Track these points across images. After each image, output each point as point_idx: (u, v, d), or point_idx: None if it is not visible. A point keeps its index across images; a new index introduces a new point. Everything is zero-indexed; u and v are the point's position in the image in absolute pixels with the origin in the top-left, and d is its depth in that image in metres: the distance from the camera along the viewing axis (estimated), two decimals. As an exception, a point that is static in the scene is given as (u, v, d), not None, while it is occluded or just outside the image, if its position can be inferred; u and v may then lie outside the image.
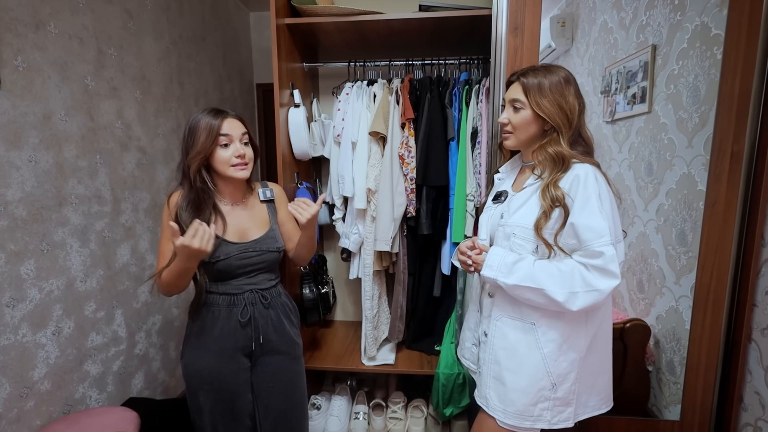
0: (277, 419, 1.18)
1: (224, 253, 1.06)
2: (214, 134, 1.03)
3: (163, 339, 1.89)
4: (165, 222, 1.06)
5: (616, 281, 0.87)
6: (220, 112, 1.07)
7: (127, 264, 1.66)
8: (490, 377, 1.02)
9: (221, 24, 2.44)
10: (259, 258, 1.11)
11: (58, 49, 1.33)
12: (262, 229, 1.14)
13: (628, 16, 1.60)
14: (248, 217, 1.14)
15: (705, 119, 1.28)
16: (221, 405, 1.12)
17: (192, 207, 1.03)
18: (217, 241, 1.04)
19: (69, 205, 1.38)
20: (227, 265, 1.07)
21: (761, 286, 1.16)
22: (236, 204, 1.13)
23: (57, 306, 1.33)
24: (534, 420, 0.97)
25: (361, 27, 1.53)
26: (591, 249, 0.87)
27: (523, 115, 0.98)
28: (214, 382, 1.10)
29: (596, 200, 0.88)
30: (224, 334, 1.10)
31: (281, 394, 1.18)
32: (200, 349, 1.10)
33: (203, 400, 1.11)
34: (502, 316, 1.01)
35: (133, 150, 1.69)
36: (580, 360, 0.96)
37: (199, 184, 1.04)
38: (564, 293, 0.88)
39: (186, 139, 1.05)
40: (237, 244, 1.09)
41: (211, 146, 1.03)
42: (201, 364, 1.10)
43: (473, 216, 1.52)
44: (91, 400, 1.47)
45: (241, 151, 1.06)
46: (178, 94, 2.00)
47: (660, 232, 1.47)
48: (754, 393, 1.18)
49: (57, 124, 1.33)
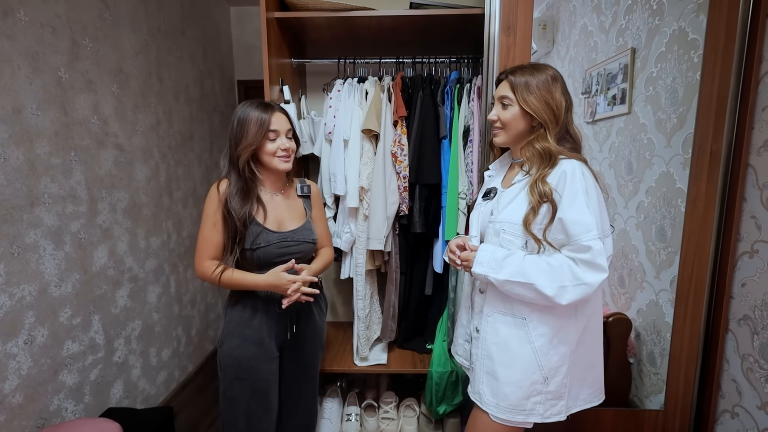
0: (299, 396, 1.28)
1: (265, 240, 1.11)
2: (264, 129, 1.08)
3: (144, 345, 1.81)
4: (211, 209, 1.09)
5: (604, 275, 0.89)
6: (268, 106, 1.12)
7: (105, 267, 1.57)
8: (482, 372, 1.03)
9: (201, 18, 2.36)
10: (297, 248, 1.16)
11: (29, 39, 1.25)
12: (299, 221, 1.20)
13: (607, 19, 1.65)
14: (285, 208, 1.19)
15: (683, 120, 1.34)
16: (258, 395, 1.15)
17: (240, 195, 1.08)
18: (258, 228, 1.10)
19: (41, 205, 1.29)
20: (266, 252, 1.11)
21: (737, 278, 1.22)
22: (275, 194, 1.18)
23: (29, 313, 1.25)
24: (527, 414, 0.98)
25: (351, 23, 1.52)
26: (579, 243, 0.89)
27: (511, 111, 1.00)
28: (252, 371, 1.14)
29: (583, 195, 0.90)
30: (263, 325, 1.14)
31: (304, 377, 1.28)
32: (240, 339, 1.13)
33: (240, 390, 1.14)
34: (494, 312, 1.02)
35: (111, 147, 1.60)
36: (570, 353, 0.98)
37: (248, 173, 1.10)
38: (554, 287, 0.90)
39: (235, 131, 1.09)
40: (277, 232, 1.13)
41: (262, 139, 1.09)
42: (240, 354, 1.13)
43: (465, 214, 1.53)
44: (67, 412, 1.38)
45: (286, 144, 1.13)
46: (157, 89, 1.92)
47: (640, 229, 1.53)
48: (731, 381, 1.24)
49: (28, 118, 1.24)
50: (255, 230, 1.10)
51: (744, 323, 1.20)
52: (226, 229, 1.09)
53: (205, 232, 1.10)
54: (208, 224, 1.10)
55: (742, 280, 1.20)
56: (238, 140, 1.09)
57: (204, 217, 1.10)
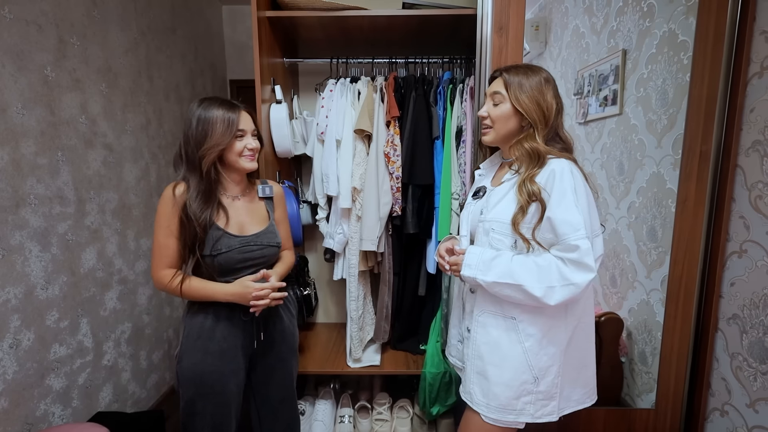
0: (276, 408, 1.22)
1: (226, 245, 1.05)
2: (234, 128, 1.04)
3: (134, 348, 1.78)
4: (165, 214, 1.03)
5: (591, 274, 0.88)
6: (233, 104, 1.07)
7: (93, 269, 1.54)
8: (473, 372, 1.03)
9: (192, 16, 2.34)
10: (260, 252, 1.11)
11: (14, 36, 1.22)
12: (261, 224, 1.14)
13: (599, 21, 1.67)
14: (247, 212, 1.13)
15: (673, 121, 1.35)
16: (222, 409, 1.09)
17: (202, 198, 1.02)
18: (219, 233, 1.04)
19: (27, 206, 1.26)
20: (228, 258, 1.05)
21: (727, 278, 1.23)
22: (236, 198, 1.13)
23: (15, 316, 1.22)
24: (517, 414, 0.98)
25: (344, 22, 1.51)
26: (567, 242, 0.89)
27: (502, 109, 1.00)
28: (216, 385, 1.07)
29: (572, 194, 0.90)
30: (227, 335, 1.08)
31: (278, 386, 1.21)
32: (201, 353, 1.07)
33: (202, 405, 1.07)
34: (484, 312, 1.02)
35: (99, 147, 1.58)
36: (560, 353, 0.98)
37: (213, 175, 1.05)
38: (542, 288, 0.89)
39: (196, 130, 1.03)
40: (239, 237, 1.08)
41: (230, 139, 1.04)
42: (202, 369, 1.06)
43: (458, 214, 1.53)
44: (55, 417, 1.35)
45: (253, 144, 1.08)
46: (147, 88, 1.89)
47: (631, 229, 1.54)
48: (720, 379, 1.26)
49: (13, 117, 1.22)
50: (215, 235, 1.03)
51: (733, 322, 1.21)
52: (183, 236, 1.02)
53: (160, 239, 1.03)
54: (163, 230, 1.03)
55: (731, 280, 1.22)
56: (200, 140, 1.02)
57: (157, 223, 1.03)
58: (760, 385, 1.13)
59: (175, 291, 1.03)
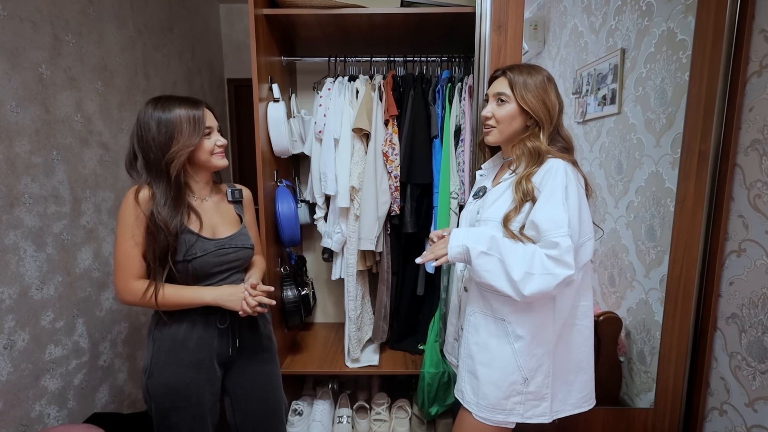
0: (257, 422, 1.15)
1: (201, 249, 1.01)
2: (202, 127, 0.99)
3: (130, 348, 1.77)
4: (128, 221, 0.96)
5: (570, 271, 0.86)
6: (194, 101, 1.01)
7: (89, 269, 1.53)
8: (465, 371, 1.04)
9: (190, 14, 2.32)
10: (236, 255, 1.08)
11: (7, 33, 1.21)
12: (233, 227, 1.11)
13: (597, 20, 1.66)
14: (217, 213, 1.10)
15: (672, 120, 1.35)
16: (200, 422, 1.04)
17: (171, 204, 0.96)
18: (192, 237, 1.00)
19: (22, 205, 1.25)
20: (204, 262, 1.01)
21: (725, 277, 1.23)
22: (203, 200, 1.08)
23: (9, 317, 1.21)
24: (507, 413, 0.98)
25: (342, 20, 1.50)
26: (548, 239, 0.88)
27: (507, 108, 0.99)
28: (192, 396, 1.02)
29: (562, 192, 0.90)
30: (202, 344, 1.03)
31: (259, 398, 1.14)
32: (174, 365, 1.01)
33: (177, 419, 1.02)
34: (475, 312, 1.03)
35: (95, 146, 1.56)
36: (549, 354, 0.98)
37: (183, 179, 1.00)
38: (521, 272, 0.88)
39: (156, 133, 0.96)
40: (213, 240, 1.04)
41: (199, 139, 0.99)
42: (176, 380, 1.01)
43: (457, 214, 1.53)
44: (50, 419, 1.34)
45: (222, 140, 1.05)
46: (143, 86, 1.88)
47: (630, 228, 1.54)
48: (719, 378, 1.26)
49: (7, 115, 1.20)
50: (189, 240, 0.98)
51: (732, 321, 1.21)
52: (151, 245, 0.96)
53: (126, 248, 0.96)
54: (128, 237, 0.95)
55: (730, 279, 1.22)
56: (163, 143, 0.96)
57: (121, 231, 0.96)
58: (758, 384, 1.13)
59: (150, 303, 0.96)
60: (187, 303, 0.99)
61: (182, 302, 0.99)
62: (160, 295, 0.96)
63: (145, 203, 0.96)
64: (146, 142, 0.97)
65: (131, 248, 0.96)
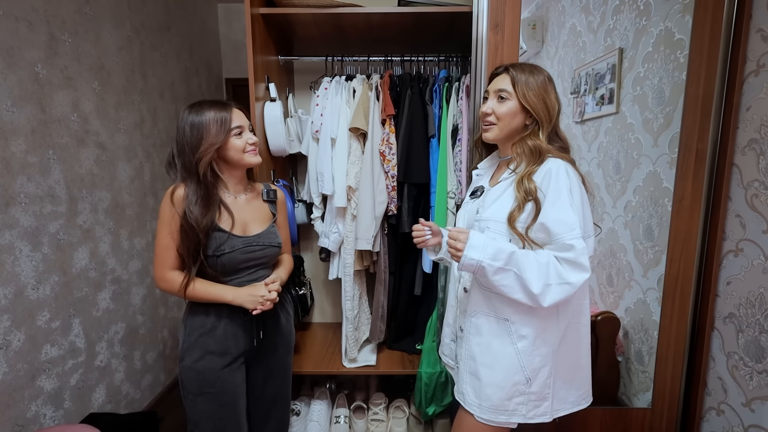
0: (269, 407, 1.23)
1: (230, 246, 1.06)
2: (227, 126, 1.04)
3: (127, 348, 1.77)
4: (167, 217, 1.04)
5: (586, 274, 0.88)
6: (224, 103, 1.07)
7: (86, 269, 1.53)
8: (466, 373, 1.02)
9: (187, 14, 2.32)
10: (262, 252, 1.12)
11: (3, 33, 1.20)
12: (263, 225, 1.15)
13: (596, 20, 1.66)
14: (249, 210, 1.14)
15: (669, 119, 1.35)
16: (226, 409, 1.10)
17: (202, 203, 1.02)
18: (224, 235, 1.05)
19: (17, 205, 1.25)
20: (231, 258, 1.07)
21: (723, 277, 1.23)
22: (237, 197, 1.14)
23: (4, 317, 1.21)
24: (509, 414, 0.97)
25: (339, 20, 1.50)
26: (561, 242, 0.88)
27: (508, 105, 0.99)
28: (217, 383, 1.08)
29: (567, 194, 0.90)
30: (228, 333, 1.10)
31: (273, 386, 1.22)
32: (202, 350, 1.08)
33: (205, 405, 1.08)
34: (477, 312, 1.01)
35: (91, 145, 1.56)
36: (552, 354, 0.97)
37: (210, 177, 1.05)
38: (540, 285, 0.88)
39: (189, 136, 1.03)
40: (242, 237, 1.09)
41: (225, 137, 1.04)
42: (203, 366, 1.08)
43: (454, 213, 1.52)
44: (46, 419, 1.34)
45: (253, 138, 1.10)
46: (141, 86, 1.88)
47: (628, 228, 1.54)
48: (717, 378, 1.25)
49: (2, 115, 1.20)
50: (219, 237, 1.05)
51: (729, 321, 1.21)
52: (185, 239, 1.03)
53: (164, 241, 1.05)
54: (165, 233, 1.04)
55: (728, 279, 1.21)
56: (195, 145, 1.03)
57: (160, 226, 1.05)
58: (756, 384, 1.12)
59: (181, 293, 1.04)
60: (211, 299, 1.06)
61: (207, 297, 1.06)
62: (190, 288, 1.04)
63: (179, 202, 1.03)
64: (181, 145, 1.05)
65: (167, 243, 1.05)
